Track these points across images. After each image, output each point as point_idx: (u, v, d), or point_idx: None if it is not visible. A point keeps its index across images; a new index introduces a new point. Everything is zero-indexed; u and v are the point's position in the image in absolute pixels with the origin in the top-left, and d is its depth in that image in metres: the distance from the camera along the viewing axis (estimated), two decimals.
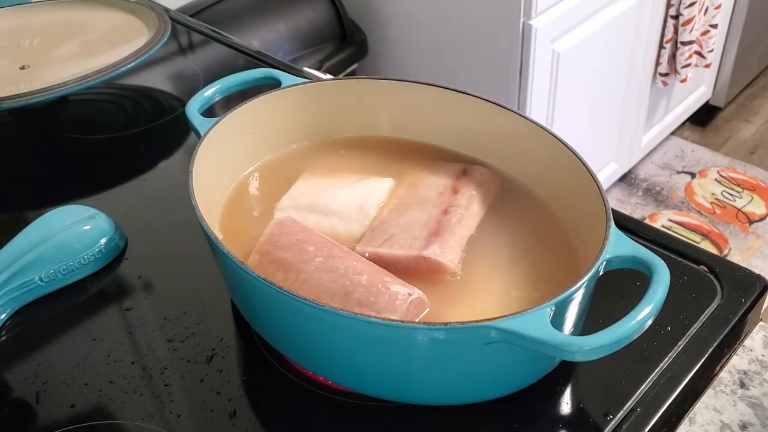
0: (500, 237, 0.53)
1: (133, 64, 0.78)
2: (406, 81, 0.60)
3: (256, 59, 0.90)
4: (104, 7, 0.94)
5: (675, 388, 0.47)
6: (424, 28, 1.60)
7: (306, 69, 0.86)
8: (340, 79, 0.64)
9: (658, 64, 1.77)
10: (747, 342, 0.53)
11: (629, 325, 0.39)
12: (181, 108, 0.81)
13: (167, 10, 0.95)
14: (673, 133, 2.09)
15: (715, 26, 1.79)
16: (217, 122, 0.55)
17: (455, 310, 0.47)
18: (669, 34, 1.72)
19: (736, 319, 0.52)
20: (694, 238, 1.79)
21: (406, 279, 0.47)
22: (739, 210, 1.87)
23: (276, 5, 1.73)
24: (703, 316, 0.52)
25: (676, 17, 1.69)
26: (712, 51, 1.82)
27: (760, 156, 2.04)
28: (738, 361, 0.52)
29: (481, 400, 0.46)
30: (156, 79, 0.90)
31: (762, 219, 1.85)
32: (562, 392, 0.48)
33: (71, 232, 0.58)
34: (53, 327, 0.55)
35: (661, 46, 1.74)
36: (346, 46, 1.81)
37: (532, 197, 0.57)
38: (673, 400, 0.47)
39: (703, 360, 0.49)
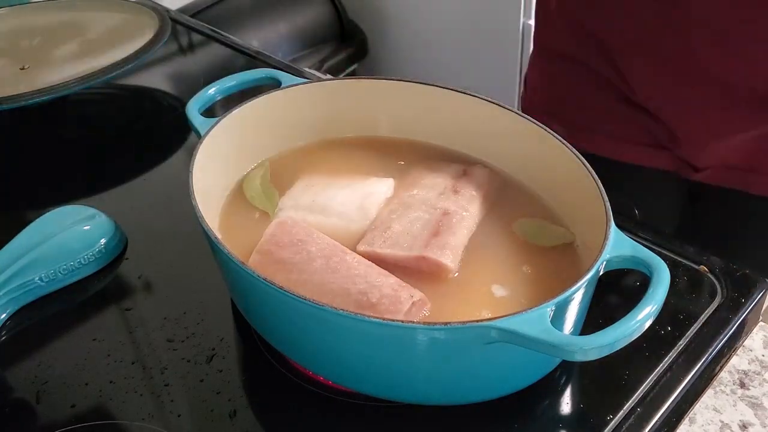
0: (500, 237, 0.53)
1: (133, 64, 0.78)
2: (406, 81, 0.60)
3: (256, 59, 0.90)
4: (104, 7, 0.94)
5: (675, 388, 0.48)
6: (424, 28, 1.59)
7: (306, 69, 0.86)
8: (340, 79, 0.64)
9: None
10: (747, 342, 0.53)
11: (629, 325, 0.39)
12: (181, 108, 0.81)
13: (167, 11, 0.95)
14: None
15: None
16: (218, 122, 0.55)
17: (455, 310, 0.47)
18: None
19: (736, 319, 0.52)
20: None
21: (406, 279, 0.47)
22: None
23: (276, 5, 1.73)
24: (703, 316, 0.52)
25: None
26: None
27: None
28: (738, 361, 0.52)
29: (481, 400, 0.46)
30: (156, 80, 0.90)
31: None
32: (562, 392, 0.48)
33: (71, 232, 0.58)
34: (53, 327, 0.55)
35: None
36: (346, 46, 1.81)
37: (532, 197, 0.57)
38: (673, 400, 0.47)
39: (703, 360, 0.49)
